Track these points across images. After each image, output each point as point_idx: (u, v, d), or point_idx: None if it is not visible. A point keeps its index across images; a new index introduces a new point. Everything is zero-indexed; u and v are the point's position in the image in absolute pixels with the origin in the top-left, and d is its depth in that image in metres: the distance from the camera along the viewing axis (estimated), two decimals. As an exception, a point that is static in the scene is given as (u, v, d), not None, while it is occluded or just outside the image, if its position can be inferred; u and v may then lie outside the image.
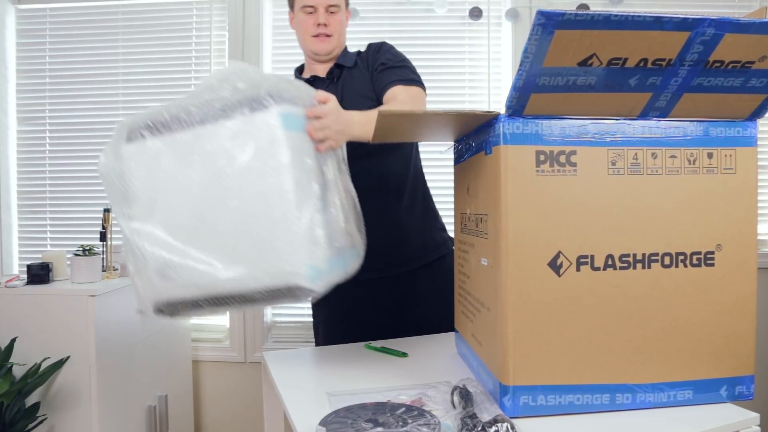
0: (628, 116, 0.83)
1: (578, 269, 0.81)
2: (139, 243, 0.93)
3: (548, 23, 0.69)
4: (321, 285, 0.89)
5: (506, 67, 2.17)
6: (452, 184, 1.12)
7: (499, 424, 0.70)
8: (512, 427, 0.70)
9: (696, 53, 0.75)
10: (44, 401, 1.54)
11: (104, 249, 1.75)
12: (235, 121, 0.89)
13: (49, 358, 1.53)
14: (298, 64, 1.47)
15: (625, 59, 0.75)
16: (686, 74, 0.78)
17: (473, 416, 0.73)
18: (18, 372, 1.51)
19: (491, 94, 2.16)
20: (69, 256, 1.67)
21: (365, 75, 1.42)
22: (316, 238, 0.89)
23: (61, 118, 2.26)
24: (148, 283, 0.94)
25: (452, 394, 0.82)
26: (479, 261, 0.93)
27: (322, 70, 1.45)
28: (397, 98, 1.32)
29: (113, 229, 1.78)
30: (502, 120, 0.80)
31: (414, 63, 1.87)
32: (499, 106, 2.19)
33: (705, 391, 0.85)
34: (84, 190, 2.25)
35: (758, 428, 0.81)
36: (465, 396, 0.79)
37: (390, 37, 2.15)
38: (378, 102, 1.37)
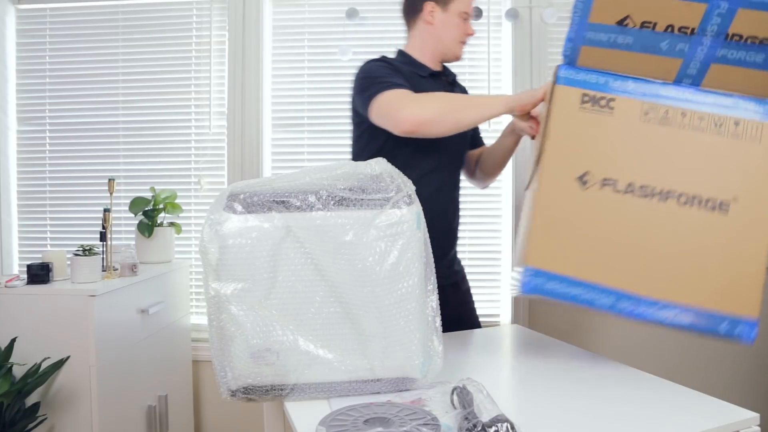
0: (664, 80, 0.95)
1: (602, 188, 0.95)
2: (247, 325, 0.86)
3: None
4: (429, 376, 0.91)
5: (506, 67, 2.17)
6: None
7: (499, 424, 0.70)
8: (512, 427, 0.70)
9: (715, 25, 0.87)
10: (44, 401, 1.54)
11: (104, 249, 1.75)
12: (382, 215, 0.86)
13: (49, 358, 1.53)
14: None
15: (655, 23, 0.88)
16: (710, 44, 0.90)
17: (473, 416, 0.73)
18: (18, 372, 1.51)
19: (491, 94, 2.16)
20: (69, 256, 1.67)
21: None
22: (434, 332, 0.91)
23: (61, 118, 2.25)
24: (239, 367, 0.87)
25: (452, 394, 0.82)
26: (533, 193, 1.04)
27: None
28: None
29: (113, 229, 1.78)
30: (561, 66, 0.97)
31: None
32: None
33: (706, 320, 0.92)
34: (84, 190, 2.25)
35: (758, 428, 0.81)
36: (465, 396, 0.79)
37: (390, 37, 2.15)
38: None
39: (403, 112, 1.23)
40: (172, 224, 2.07)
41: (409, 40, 1.52)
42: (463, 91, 1.61)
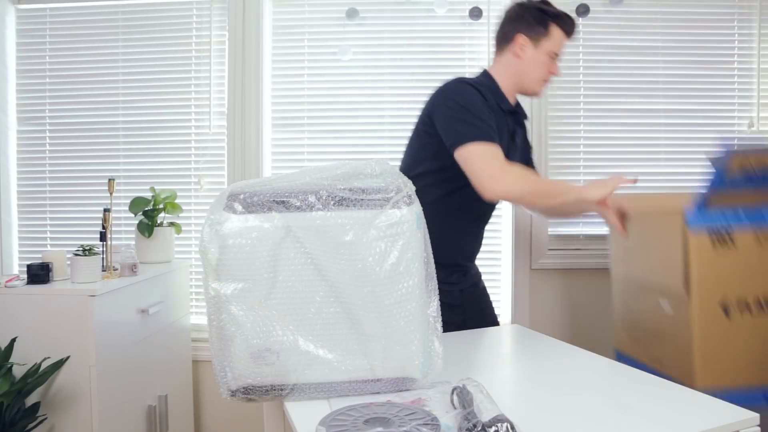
0: (763, 206, 1.22)
1: (738, 307, 1.18)
2: (247, 325, 0.85)
3: (725, 149, 1.18)
4: (429, 376, 0.91)
5: (506, 67, 2.16)
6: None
7: (499, 424, 0.70)
8: (512, 427, 0.70)
9: None
10: (44, 401, 1.54)
11: (104, 249, 1.75)
12: (382, 215, 0.86)
13: (49, 358, 1.53)
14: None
15: (761, 169, 1.18)
16: None
17: (473, 416, 0.73)
18: (18, 372, 1.51)
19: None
20: (69, 256, 1.67)
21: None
22: (435, 332, 0.91)
23: (61, 118, 2.26)
24: (239, 367, 0.86)
25: (452, 394, 0.82)
26: (656, 303, 1.30)
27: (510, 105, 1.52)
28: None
29: (113, 229, 1.78)
30: (691, 212, 1.19)
31: (414, 63, 1.93)
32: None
33: None
34: (84, 190, 2.25)
35: (758, 428, 0.81)
36: (465, 396, 0.79)
37: (390, 37, 2.15)
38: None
39: (490, 183, 1.29)
40: (172, 224, 2.07)
41: (495, 64, 1.53)
42: (524, 132, 1.61)
